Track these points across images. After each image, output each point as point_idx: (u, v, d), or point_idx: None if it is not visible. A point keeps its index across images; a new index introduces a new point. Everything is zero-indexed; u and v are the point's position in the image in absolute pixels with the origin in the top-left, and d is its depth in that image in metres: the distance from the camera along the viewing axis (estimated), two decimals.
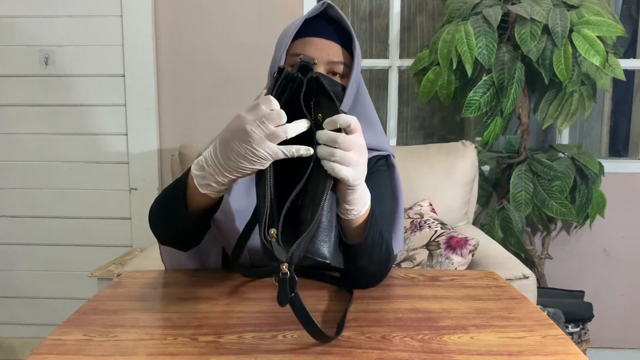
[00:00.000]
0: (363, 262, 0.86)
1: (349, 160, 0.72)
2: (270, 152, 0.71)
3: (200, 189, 0.77)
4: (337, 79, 0.99)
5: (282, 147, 0.71)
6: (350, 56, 1.00)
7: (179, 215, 0.84)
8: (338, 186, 0.76)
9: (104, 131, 2.24)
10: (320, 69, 0.97)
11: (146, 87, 2.20)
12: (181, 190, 0.83)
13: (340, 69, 0.99)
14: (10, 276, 2.33)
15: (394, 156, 1.09)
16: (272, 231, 0.68)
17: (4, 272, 2.33)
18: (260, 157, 0.71)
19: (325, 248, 0.75)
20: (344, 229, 0.83)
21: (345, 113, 0.75)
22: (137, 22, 2.17)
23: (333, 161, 0.72)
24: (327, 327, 0.72)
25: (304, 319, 0.68)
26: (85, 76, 2.21)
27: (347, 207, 0.78)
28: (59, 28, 2.19)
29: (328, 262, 0.75)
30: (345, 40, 1.00)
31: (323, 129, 0.74)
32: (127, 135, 2.23)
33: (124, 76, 2.20)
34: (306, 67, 0.77)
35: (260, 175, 0.73)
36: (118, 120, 2.23)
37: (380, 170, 1.05)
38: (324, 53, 0.97)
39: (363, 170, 0.76)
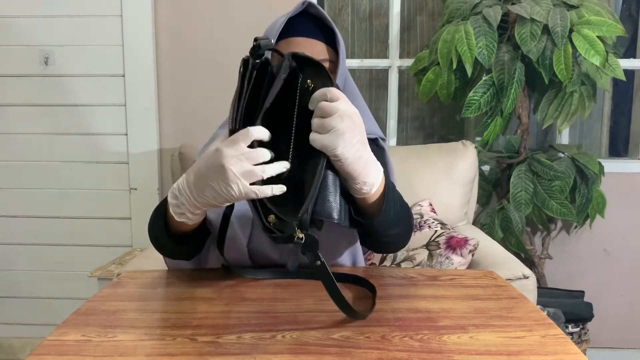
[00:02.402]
0: (387, 234, 0.88)
1: (327, 125, 0.70)
2: (243, 191, 0.69)
3: (176, 217, 0.77)
4: None
5: (254, 187, 0.70)
6: (335, 52, 1.00)
7: (165, 242, 0.86)
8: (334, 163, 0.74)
9: (104, 131, 2.24)
10: None
11: (146, 87, 2.20)
12: (161, 219, 0.84)
13: (325, 66, 0.99)
14: (10, 276, 2.33)
15: (383, 139, 1.10)
16: (271, 217, 0.68)
17: (4, 272, 2.33)
18: (232, 196, 0.70)
19: (334, 210, 0.75)
20: (360, 208, 0.83)
21: (330, 77, 0.75)
22: (137, 22, 2.17)
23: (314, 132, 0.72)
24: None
25: (332, 289, 0.69)
26: (85, 76, 2.21)
27: (354, 184, 0.76)
28: (58, 28, 2.19)
29: (336, 221, 0.75)
30: (328, 37, 1.00)
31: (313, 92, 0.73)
32: (127, 135, 2.23)
33: (124, 76, 2.20)
34: (259, 47, 0.75)
35: None
36: (118, 120, 2.23)
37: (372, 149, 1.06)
38: (308, 52, 0.98)
39: (348, 138, 0.71)
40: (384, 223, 0.85)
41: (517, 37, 1.88)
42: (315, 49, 0.98)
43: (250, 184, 0.70)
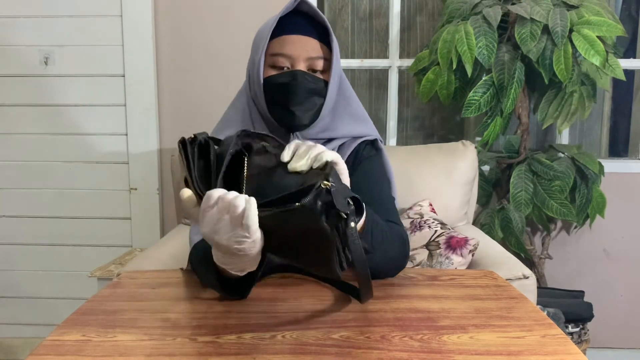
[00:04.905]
0: (378, 261, 0.86)
1: (320, 147, 0.71)
2: (248, 234, 0.64)
3: (240, 274, 0.75)
4: (317, 74, 0.99)
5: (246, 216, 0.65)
6: (329, 49, 1.00)
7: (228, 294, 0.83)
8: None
9: (104, 131, 2.24)
10: (301, 66, 0.98)
11: (146, 87, 2.20)
12: (215, 285, 0.81)
13: (320, 64, 0.99)
14: (10, 276, 2.33)
15: (381, 140, 1.10)
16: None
17: (4, 272, 2.33)
18: (247, 242, 0.65)
19: None
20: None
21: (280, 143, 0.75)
22: (137, 22, 2.17)
23: (315, 156, 0.70)
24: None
25: (360, 259, 0.66)
26: (85, 76, 2.21)
27: None
28: (58, 28, 2.19)
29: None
30: (322, 34, 1.00)
31: (270, 153, 0.74)
32: (127, 135, 2.23)
33: (124, 76, 2.20)
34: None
35: None
36: (118, 120, 2.22)
37: (371, 157, 1.05)
38: (303, 50, 0.97)
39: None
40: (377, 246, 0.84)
41: (517, 37, 1.88)
42: (309, 46, 0.98)
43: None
